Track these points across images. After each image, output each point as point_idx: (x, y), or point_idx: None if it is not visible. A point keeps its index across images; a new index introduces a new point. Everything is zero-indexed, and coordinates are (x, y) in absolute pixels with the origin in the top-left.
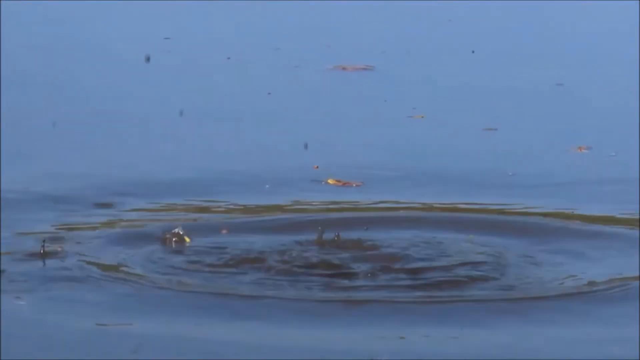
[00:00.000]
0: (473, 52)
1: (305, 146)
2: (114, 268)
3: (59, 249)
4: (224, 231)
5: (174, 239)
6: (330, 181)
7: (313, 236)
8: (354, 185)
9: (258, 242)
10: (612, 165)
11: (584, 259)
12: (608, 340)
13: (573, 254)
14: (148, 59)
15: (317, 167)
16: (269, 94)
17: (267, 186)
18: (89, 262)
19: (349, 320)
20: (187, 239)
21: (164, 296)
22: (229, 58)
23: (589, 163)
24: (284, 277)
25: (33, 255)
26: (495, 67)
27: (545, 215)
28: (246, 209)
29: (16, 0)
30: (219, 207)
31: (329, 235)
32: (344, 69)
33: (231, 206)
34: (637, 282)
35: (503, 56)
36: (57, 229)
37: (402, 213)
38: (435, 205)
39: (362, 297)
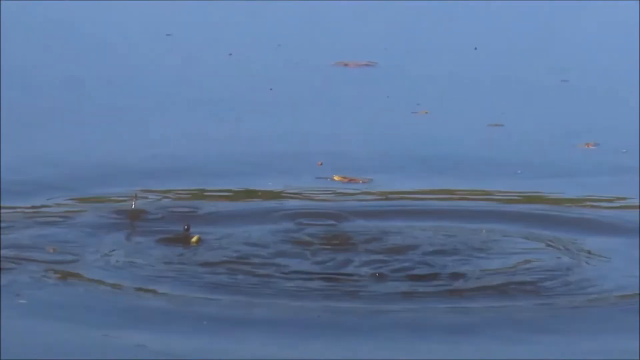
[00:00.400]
0: (475, 48)
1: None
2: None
3: (51, 251)
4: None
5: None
6: (336, 177)
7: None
8: (361, 181)
9: (257, 234)
10: (624, 160)
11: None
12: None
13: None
14: None
15: (321, 163)
16: (271, 89)
17: (269, 183)
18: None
19: (373, 333)
20: (195, 240)
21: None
22: (230, 54)
23: (599, 158)
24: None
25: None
26: (499, 63)
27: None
28: (243, 194)
29: (17, 0)
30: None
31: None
32: (346, 65)
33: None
34: None
35: (507, 53)
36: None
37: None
38: (467, 196)
39: (376, 308)
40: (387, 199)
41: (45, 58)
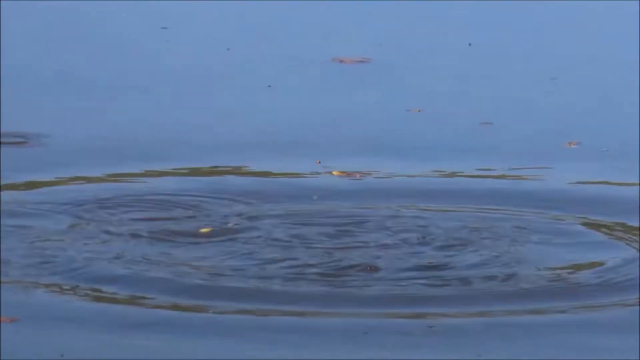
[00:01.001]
0: (470, 44)
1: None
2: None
3: (68, 240)
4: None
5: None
6: (335, 172)
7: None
8: (359, 176)
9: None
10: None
11: None
12: None
13: None
14: None
15: (319, 162)
16: (269, 86)
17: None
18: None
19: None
20: (206, 230)
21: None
22: (228, 49)
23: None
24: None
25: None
26: (493, 60)
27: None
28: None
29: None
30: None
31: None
32: (341, 61)
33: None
34: None
35: (501, 49)
36: None
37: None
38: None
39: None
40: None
41: (44, 51)
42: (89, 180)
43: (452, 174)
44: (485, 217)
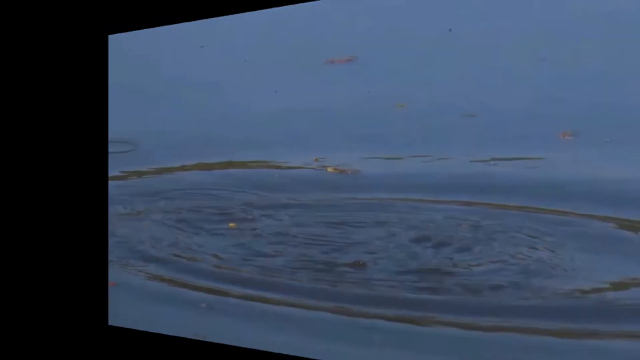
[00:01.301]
0: (450, 30)
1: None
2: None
3: (142, 225)
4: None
5: None
6: (329, 169)
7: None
8: (349, 172)
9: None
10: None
11: None
12: None
13: None
14: None
15: (317, 159)
16: (276, 92)
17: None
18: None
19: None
20: (232, 224)
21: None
22: (245, 61)
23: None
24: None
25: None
26: (475, 46)
27: None
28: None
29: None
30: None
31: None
32: (331, 62)
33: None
34: None
35: (485, 36)
36: None
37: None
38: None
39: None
40: None
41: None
42: (154, 172)
43: (451, 164)
44: (492, 213)
